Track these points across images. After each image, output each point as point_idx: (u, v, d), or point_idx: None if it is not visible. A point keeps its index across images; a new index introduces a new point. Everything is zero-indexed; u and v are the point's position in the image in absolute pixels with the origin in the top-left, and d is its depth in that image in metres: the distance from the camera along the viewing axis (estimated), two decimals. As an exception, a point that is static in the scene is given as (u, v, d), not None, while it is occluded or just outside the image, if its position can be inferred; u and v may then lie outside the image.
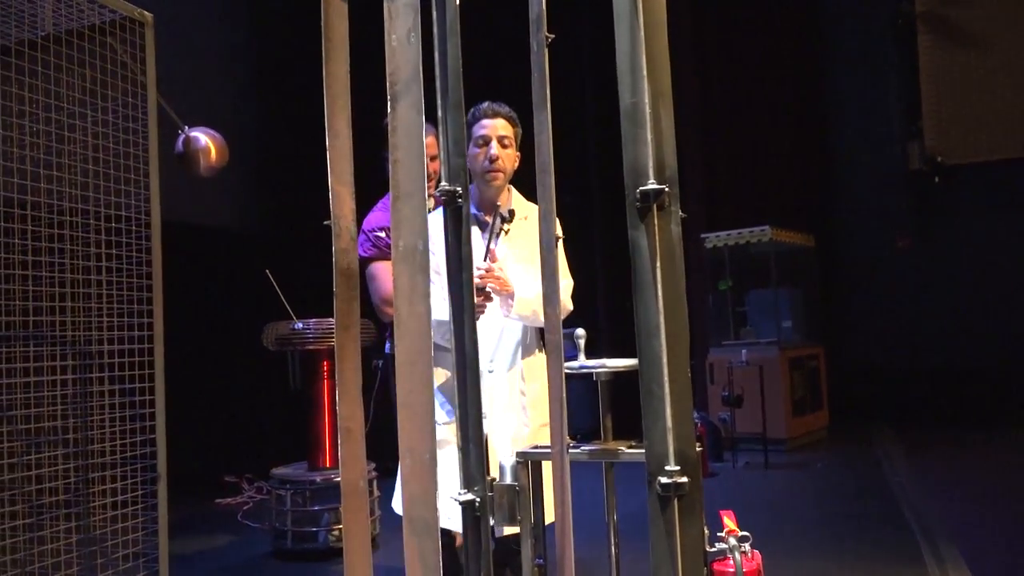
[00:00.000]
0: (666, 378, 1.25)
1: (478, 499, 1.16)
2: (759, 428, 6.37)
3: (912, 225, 8.50)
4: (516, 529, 1.72)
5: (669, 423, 1.24)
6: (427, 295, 1.78)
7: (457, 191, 1.32)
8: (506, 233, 2.64)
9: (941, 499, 4.72)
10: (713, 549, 2.04)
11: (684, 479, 1.24)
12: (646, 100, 1.28)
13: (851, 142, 8.83)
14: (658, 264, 1.26)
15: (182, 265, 5.61)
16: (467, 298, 1.26)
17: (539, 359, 2.76)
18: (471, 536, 1.17)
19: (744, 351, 6.65)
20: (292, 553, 4.16)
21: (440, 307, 2.30)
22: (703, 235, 7.47)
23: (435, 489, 1.74)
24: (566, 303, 2.60)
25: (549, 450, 2.04)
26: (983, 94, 8.19)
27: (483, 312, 2.46)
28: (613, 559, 2.10)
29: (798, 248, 7.73)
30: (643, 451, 1.99)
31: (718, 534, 2.06)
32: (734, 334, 7.45)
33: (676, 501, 1.25)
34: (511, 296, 2.59)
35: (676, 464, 1.25)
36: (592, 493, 2.70)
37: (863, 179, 8.73)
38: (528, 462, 2.07)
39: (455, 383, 1.18)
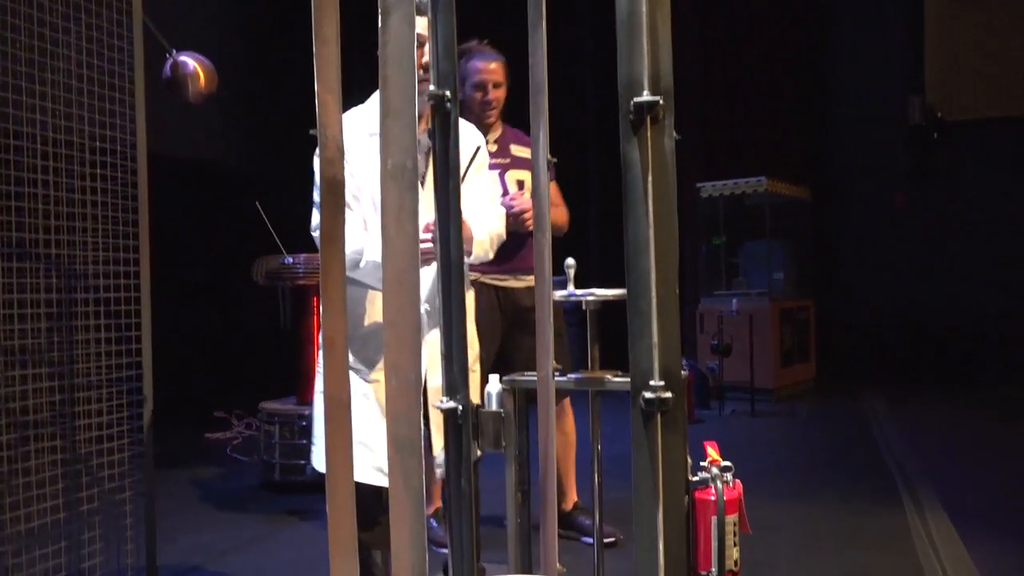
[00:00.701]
0: (654, 294, 1.23)
1: (460, 407, 1.15)
2: (747, 377, 6.42)
3: (909, 182, 8.46)
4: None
5: (655, 338, 1.23)
6: (415, 214, 1.75)
7: (446, 95, 1.28)
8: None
9: (921, 449, 4.78)
10: (695, 478, 2.06)
11: (668, 394, 1.24)
12: (643, 9, 1.24)
13: (852, 94, 8.74)
14: (649, 178, 1.24)
15: (171, 197, 5.56)
16: (454, 206, 1.24)
17: (469, 296, 2.68)
18: (452, 446, 1.16)
19: (735, 300, 6.67)
20: (280, 485, 4.20)
21: (371, 246, 2.19)
22: (698, 184, 7.42)
23: (419, 410, 1.74)
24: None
25: (535, 378, 2.05)
26: (988, 49, 8.09)
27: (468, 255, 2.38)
28: (595, 487, 2.11)
29: (793, 201, 7.70)
30: (629, 379, 1.99)
31: (701, 463, 2.08)
32: (726, 285, 7.46)
33: (659, 417, 1.25)
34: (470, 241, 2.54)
35: (660, 379, 1.24)
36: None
37: (862, 133, 8.66)
38: (514, 389, 2.08)
39: (439, 292, 1.17)
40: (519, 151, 3.19)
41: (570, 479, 3.36)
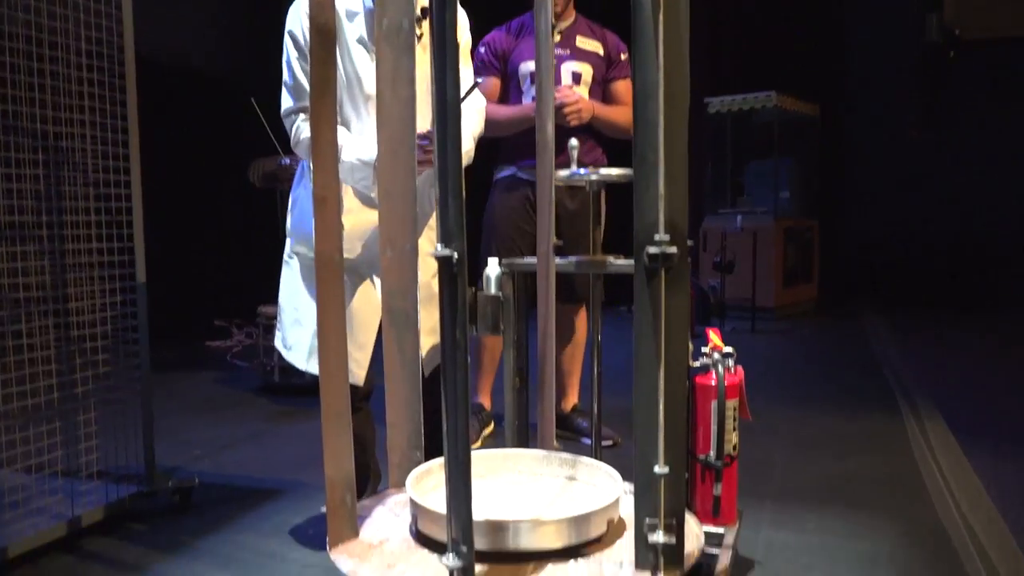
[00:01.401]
0: (660, 143, 1.17)
1: (456, 254, 1.10)
2: (748, 296, 6.38)
3: (921, 104, 8.25)
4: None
5: (661, 189, 1.16)
6: (411, 79, 1.67)
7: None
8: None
9: (921, 367, 4.77)
10: (696, 364, 2.03)
11: (673, 249, 1.18)
12: None
13: (866, 8, 8.44)
14: (660, 17, 1.15)
15: (163, 98, 5.42)
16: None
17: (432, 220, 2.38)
18: (447, 295, 1.11)
19: (739, 217, 6.58)
20: (279, 387, 4.21)
21: (350, 144, 2.03)
22: (706, 99, 7.25)
23: (415, 282, 1.69)
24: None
25: (534, 261, 1.99)
26: (1010, -37, 7.77)
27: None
28: (595, 373, 2.08)
29: (802, 117, 7.53)
30: (631, 263, 1.94)
31: (702, 349, 2.04)
32: (731, 203, 7.35)
33: (663, 273, 1.19)
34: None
35: (666, 233, 1.18)
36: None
37: (876, 49, 8.40)
38: (513, 273, 2.03)
39: (434, 127, 1.10)
40: (584, 43, 3.09)
41: (573, 380, 3.35)
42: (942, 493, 2.65)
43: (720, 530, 1.94)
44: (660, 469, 1.22)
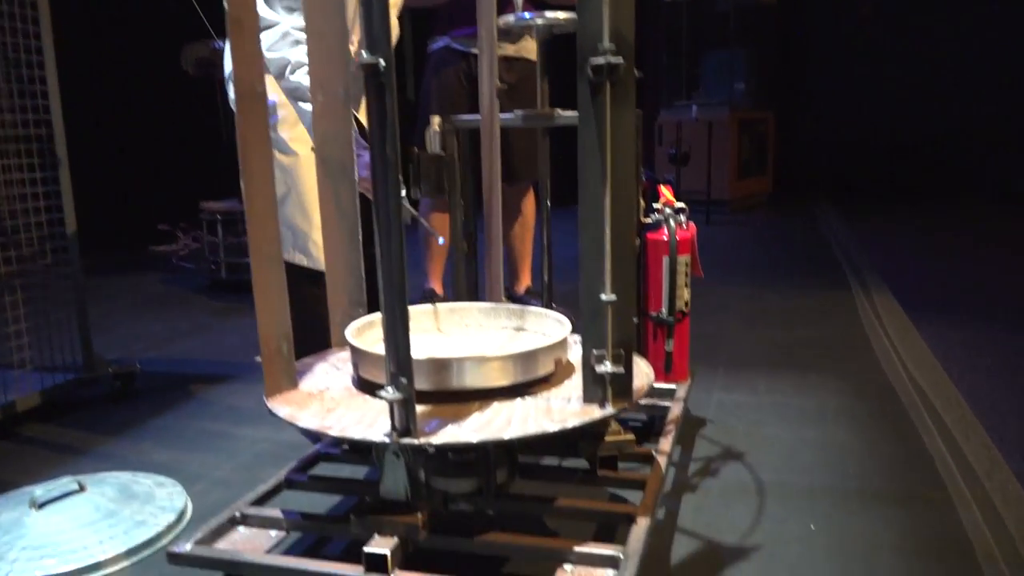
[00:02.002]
0: (603, -59, 1.07)
1: (382, 62, 1.00)
2: (703, 188, 6.35)
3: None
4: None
5: (605, -7, 1.07)
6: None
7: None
8: None
9: (872, 251, 4.82)
10: (649, 220, 1.98)
11: (619, 60, 1.10)
12: None
13: None
14: None
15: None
16: None
17: None
18: (375, 109, 1.02)
19: (694, 108, 6.48)
20: (227, 284, 4.10)
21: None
22: (661, -14, 7.02)
23: (350, 127, 1.59)
24: None
25: (478, 117, 1.90)
26: None
27: None
28: (545, 240, 2.02)
29: (759, 6, 7.37)
30: (577, 113, 1.86)
31: (654, 205, 1.99)
32: (686, 96, 7.24)
33: (609, 87, 1.11)
34: None
35: (611, 42, 1.10)
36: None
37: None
38: (457, 129, 1.93)
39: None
40: None
41: (524, 263, 3.30)
42: (889, 355, 2.69)
43: (672, 386, 1.93)
44: (607, 296, 1.17)
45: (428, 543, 1.25)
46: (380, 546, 1.13)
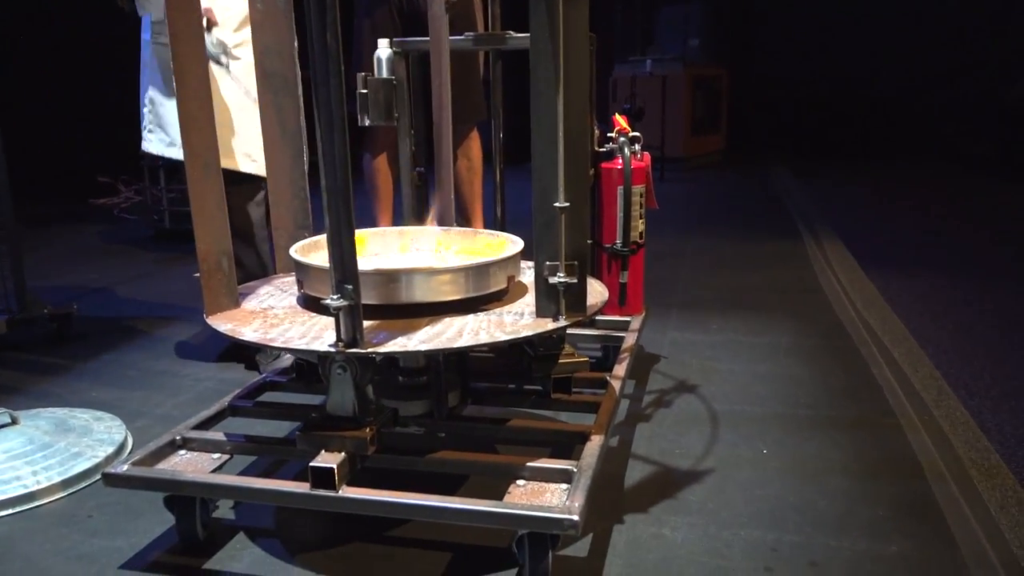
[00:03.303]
0: None
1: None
2: (657, 145, 6.34)
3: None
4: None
5: None
6: None
7: None
8: None
9: (821, 203, 4.87)
10: (602, 150, 1.95)
11: (572, -46, 1.05)
12: None
13: None
14: None
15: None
16: None
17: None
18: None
19: (649, 62, 6.45)
20: (171, 233, 3.97)
21: None
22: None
23: (293, 38, 1.52)
24: None
25: (427, 40, 1.83)
26: None
27: None
28: (497, 174, 1.97)
29: (713, -39, 7.34)
30: (528, 36, 1.81)
31: (608, 135, 1.96)
32: (640, 51, 7.19)
33: (562, -18, 1.07)
34: None
35: (564, -66, 1.05)
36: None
37: None
38: (407, 52, 1.86)
39: None
40: None
41: (475, 208, 3.24)
42: (839, 297, 2.72)
43: (627, 318, 1.92)
44: (560, 203, 1.14)
45: (377, 462, 1.22)
46: (327, 461, 1.09)
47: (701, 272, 3.13)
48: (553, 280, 1.17)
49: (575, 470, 1.13)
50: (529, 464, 1.16)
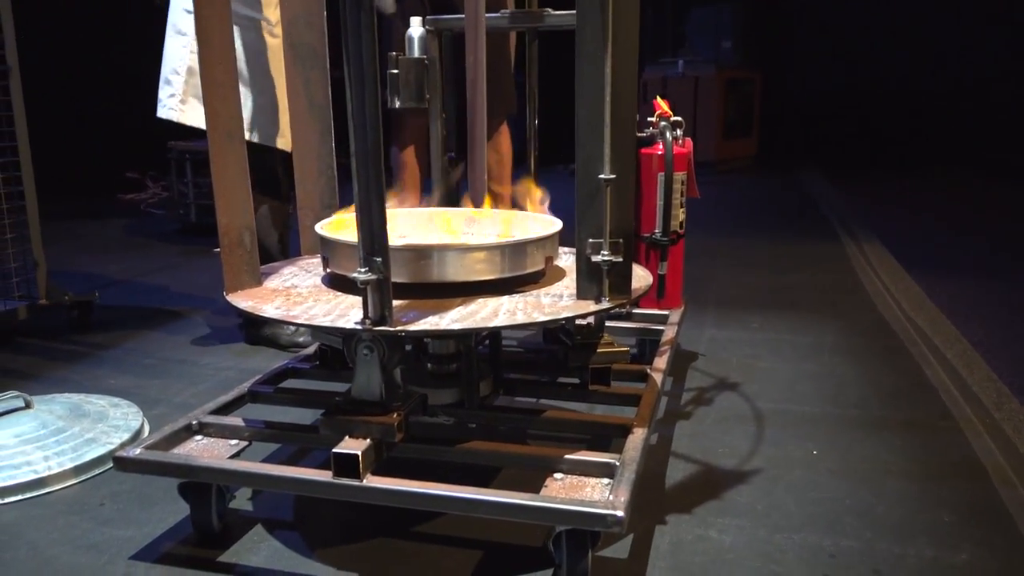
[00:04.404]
0: None
1: None
2: (688, 146, 6.23)
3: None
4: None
5: None
6: None
7: None
8: None
9: (858, 207, 4.73)
10: (643, 134, 1.86)
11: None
12: None
13: None
14: None
15: None
16: None
17: None
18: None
19: (681, 62, 6.35)
20: (197, 227, 3.94)
21: None
22: (649, -60, 6.85)
23: (322, 9, 1.45)
24: None
25: (461, 17, 1.76)
26: None
27: None
28: (531, 138, 1.89)
29: (746, -39, 7.22)
30: (573, 13, 1.73)
31: (648, 119, 1.87)
32: (672, 52, 7.09)
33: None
34: None
35: None
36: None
37: None
38: (439, 30, 1.79)
39: None
40: None
41: (504, 199, 3.17)
42: (884, 298, 2.61)
43: (664, 312, 1.83)
44: (606, 175, 1.05)
45: (404, 452, 1.14)
46: (351, 447, 1.01)
47: (736, 271, 3.03)
48: (596, 259, 1.08)
49: (617, 464, 1.05)
50: (567, 456, 1.07)
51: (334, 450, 1.01)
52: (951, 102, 7.61)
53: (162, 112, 2.04)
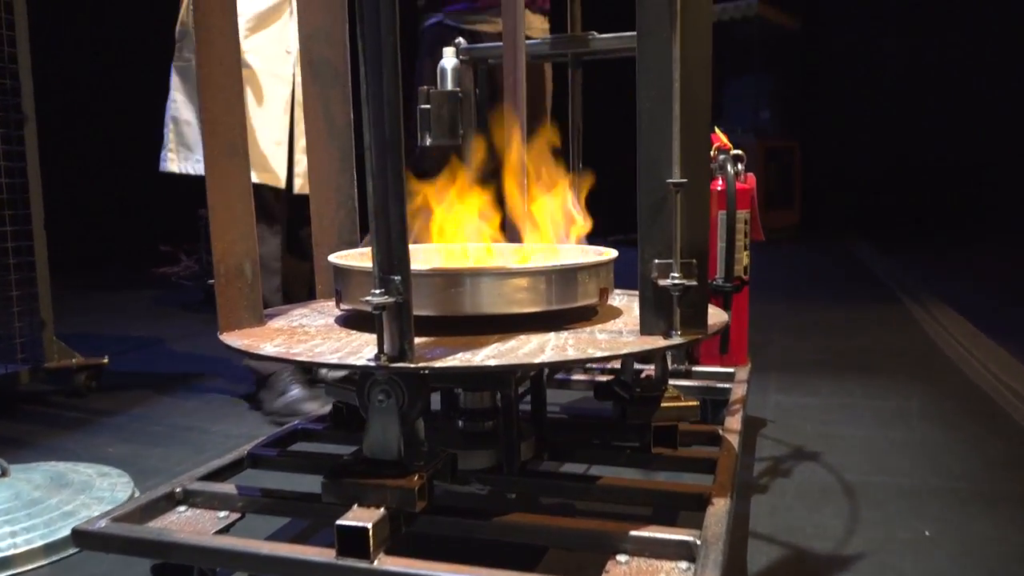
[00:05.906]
0: None
1: None
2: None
3: (901, 13, 7.82)
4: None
5: None
6: None
7: None
8: None
9: (915, 273, 4.47)
10: (699, 170, 1.67)
11: None
12: None
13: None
14: None
15: None
16: None
17: None
18: None
19: (718, 129, 6.21)
20: (223, 295, 3.80)
21: None
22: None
23: (345, 24, 1.31)
24: None
25: (499, 45, 1.62)
26: None
27: None
28: (573, 152, 1.70)
29: (782, 32, 7.16)
30: (622, 35, 1.57)
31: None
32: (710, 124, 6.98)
33: None
34: None
35: None
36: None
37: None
38: (474, 60, 1.65)
39: None
40: None
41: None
42: (966, 359, 2.34)
43: (729, 369, 1.60)
44: (676, 179, 0.86)
45: (427, 526, 0.92)
46: (359, 518, 0.80)
47: (795, 334, 2.78)
48: (664, 283, 0.88)
49: (699, 542, 0.82)
50: (633, 533, 0.84)
51: (338, 522, 0.80)
52: (999, 165, 7.37)
53: (161, 167, 1.96)
